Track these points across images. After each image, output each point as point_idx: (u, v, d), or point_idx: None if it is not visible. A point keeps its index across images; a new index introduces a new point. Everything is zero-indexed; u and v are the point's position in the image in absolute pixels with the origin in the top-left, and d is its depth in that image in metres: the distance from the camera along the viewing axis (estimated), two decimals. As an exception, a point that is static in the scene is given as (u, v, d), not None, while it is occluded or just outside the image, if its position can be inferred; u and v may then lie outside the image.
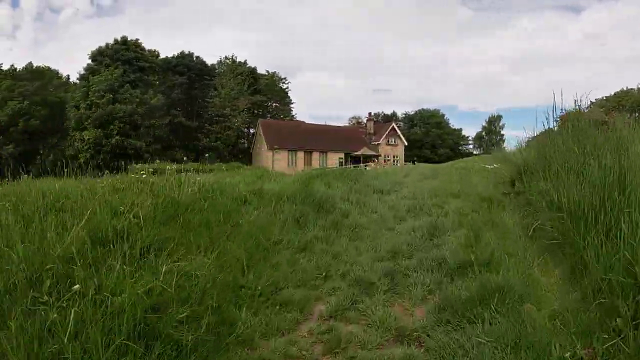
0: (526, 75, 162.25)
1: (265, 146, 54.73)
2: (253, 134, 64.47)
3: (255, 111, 71.64)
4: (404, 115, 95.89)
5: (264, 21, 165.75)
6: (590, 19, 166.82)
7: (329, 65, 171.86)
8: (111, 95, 49.51)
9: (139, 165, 44.54)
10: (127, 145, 49.35)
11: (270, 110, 77.22)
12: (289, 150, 55.22)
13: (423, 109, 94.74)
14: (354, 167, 54.74)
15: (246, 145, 67.35)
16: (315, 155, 56.92)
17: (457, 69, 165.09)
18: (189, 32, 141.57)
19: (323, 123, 77.42)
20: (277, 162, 52.91)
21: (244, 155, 64.06)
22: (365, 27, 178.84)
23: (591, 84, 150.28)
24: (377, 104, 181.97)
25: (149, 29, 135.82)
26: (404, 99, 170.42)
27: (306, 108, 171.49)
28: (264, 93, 71.83)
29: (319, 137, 59.05)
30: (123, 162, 51.56)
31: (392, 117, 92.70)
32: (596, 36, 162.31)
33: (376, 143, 61.83)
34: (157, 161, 46.40)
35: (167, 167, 8.94)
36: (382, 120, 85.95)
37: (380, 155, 60.54)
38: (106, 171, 9.23)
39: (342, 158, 58.27)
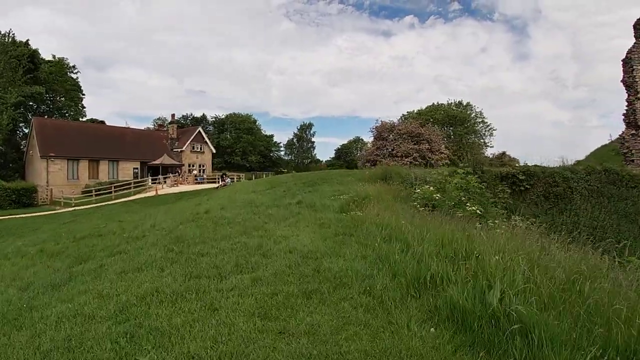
0: (339, 87, 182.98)
1: (39, 153, 44.77)
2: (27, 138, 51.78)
3: (36, 106, 60.29)
4: (213, 119, 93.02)
5: (82, 6, 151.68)
6: (399, 43, 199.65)
7: (145, 62, 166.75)
8: None
9: None
10: None
11: (59, 106, 66.17)
12: (68, 159, 46.27)
13: (234, 113, 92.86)
14: (152, 181, 48.16)
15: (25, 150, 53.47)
16: (104, 166, 49.24)
17: (275, 76, 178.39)
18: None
19: (124, 125, 69.05)
20: (53, 174, 44.64)
21: (17, 165, 52.96)
22: (191, 28, 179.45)
23: (398, 98, 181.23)
24: (193, 107, 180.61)
25: None
26: (220, 103, 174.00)
27: (115, 107, 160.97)
28: (46, 83, 59.73)
29: (110, 142, 51.21)
30: None
31: (202, 120, 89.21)
32: (404, 58, 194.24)
33: (179, 150, 57.00)
34: None
35: None
36: (192, 124, 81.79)
37: (183, 165, 55.69)
38: None
39: (137, 168, 51.95)
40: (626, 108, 28.51)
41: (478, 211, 10.65)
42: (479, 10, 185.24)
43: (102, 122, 70.99)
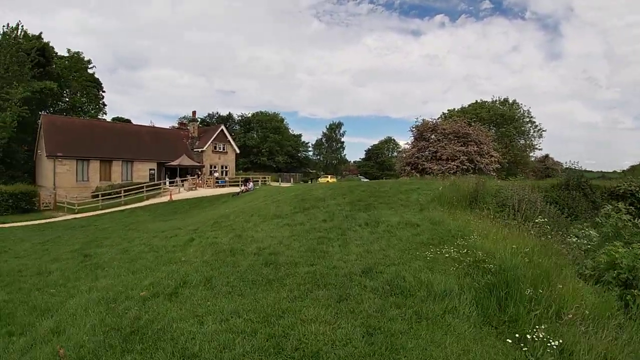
0: (367, 87, 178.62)
1: (46, 153, 40.05)
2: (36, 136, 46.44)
3: (53, 103, 55.40)
4: (239, 118, 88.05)
5: (113, 6, 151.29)
6: (429, 42, 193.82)
7: (176, 61, 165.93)
8: None
9: None
10: None
11: (78, 104, 60.28)
12: (77, 159, 41.14)
13: (261, 112, 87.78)
14: (170, 183, 42.07)
15: (35, 149, 48.11)
16: (117, 167, 43.92)
17: (304, 76, 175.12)
18: (29, 9, 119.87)
19: (149, 124, 64.72)
20: (61, 175, 39.68)
21: (28, 165, 48.04)
22: (220, 27, 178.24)
23: (426, 98, 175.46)
24: (221, 106, 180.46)
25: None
26: (249, 102, 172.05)
27: (146, 106, 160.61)
28: (62, 79, 54.72)
29: (124, 141, 46.04)
30: None
31: (228, 119, 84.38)
32: (434, 57, 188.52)
33: (200, 150, 51.33)
34: None
35: None
36: (217, 122, 76.68)
37: (203, 166, 50.31)
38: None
39: (153, 169, 46.67)
40: None
41: None
42: (511, 8, 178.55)
43: (128, 121, 67.00)
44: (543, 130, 57.14)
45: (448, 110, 60.38)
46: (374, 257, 7.14)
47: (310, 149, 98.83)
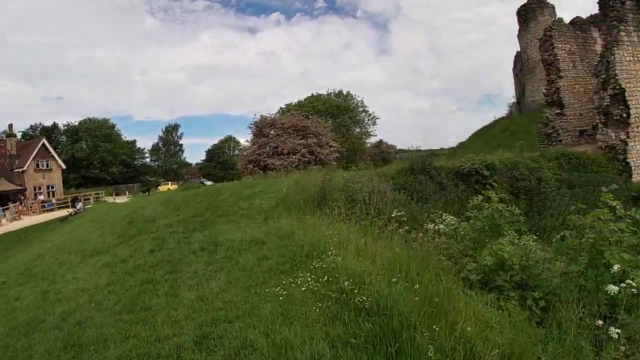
0: (204, 85, 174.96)
1: None
2: None
3: None
4: (65, 127, 79.37)
5: None
6: (266, 40, 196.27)
7: None
8: None
9: None
10: None
11: None
12: None
13: (89, 119, 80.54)
14: None
15: None
16: None
17: (138, 76, 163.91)
18: None
19: None
20: None
21: None
22: (48, 27, 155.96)
23: (265, 94, 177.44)
24: (50, 116, 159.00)
25: None
26: (79, 109, 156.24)
27: None
28: None
29: None
30: None
31: (53, 130, 76.64)
32: (271, 54, 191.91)
33: (21, 170, 45.11)
34: None
35: None
36: (41, 135, 67.37)
37: (26, 189, 44.39)
38: None
39: None
40: (546, 88, 27.36)
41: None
42: (343, 7, 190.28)
43: None
44: (377, 118, 61.65)
45: (285, 104, 61.33)
46: (210, 307, 5.68)
47: (147, 155, 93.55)
